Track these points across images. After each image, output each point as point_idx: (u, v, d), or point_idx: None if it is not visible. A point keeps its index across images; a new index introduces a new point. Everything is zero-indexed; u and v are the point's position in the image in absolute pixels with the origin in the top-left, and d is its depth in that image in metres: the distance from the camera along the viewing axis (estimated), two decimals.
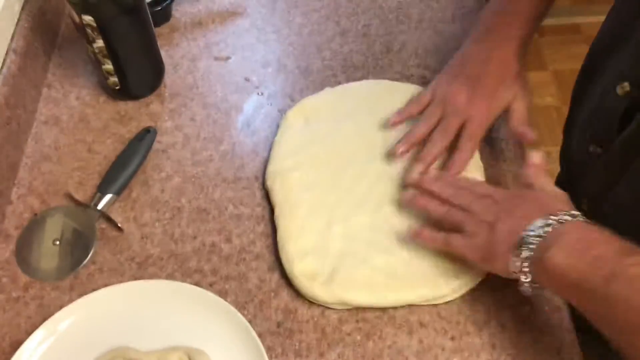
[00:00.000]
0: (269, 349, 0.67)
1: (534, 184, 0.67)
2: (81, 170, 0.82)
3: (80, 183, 0.80)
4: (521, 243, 0.59)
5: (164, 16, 0.98)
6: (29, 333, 0.66)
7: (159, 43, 0.89)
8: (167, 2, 0.96)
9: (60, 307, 0.68)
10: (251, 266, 0.73)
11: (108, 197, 0.77)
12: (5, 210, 0.78)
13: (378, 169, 0.78)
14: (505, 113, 0.79)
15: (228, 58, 0.94)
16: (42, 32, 0.92)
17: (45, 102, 0.89)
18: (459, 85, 0.78)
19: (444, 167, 0.77)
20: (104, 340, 0.66)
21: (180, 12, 1.00)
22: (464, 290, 0.70)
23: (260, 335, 0.66)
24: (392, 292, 0.68)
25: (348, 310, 0.69)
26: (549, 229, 0.58)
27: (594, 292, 0.54)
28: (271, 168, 0.79)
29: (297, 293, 0.70)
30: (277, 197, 0.76)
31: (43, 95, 0.90)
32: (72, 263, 0.73)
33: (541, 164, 0.69)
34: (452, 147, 0.77)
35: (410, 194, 0.73)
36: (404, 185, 0.76)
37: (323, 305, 0.69)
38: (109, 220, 0.76)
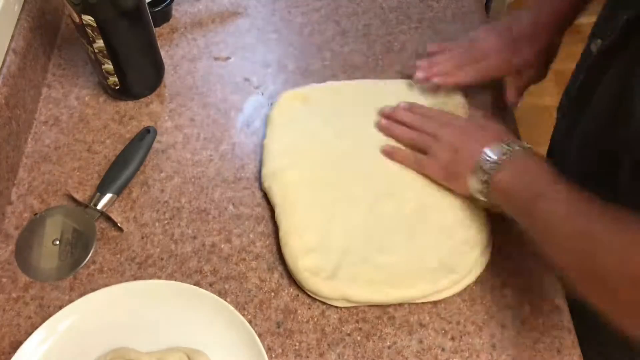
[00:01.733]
0: (269, 349, 0.67)
1: (481, 120, 0.79)
2: (81, 170, 0.82)
3: (80, 183, 0.80)
4: (480, 165, 0.69)
5: (164, 16, 0.98)
6: (29, 333, 0.66)
7: (159, 43, 0.89)
8: (167, 2, 0.96)
9: (60, 307, 0.68)
10: (251, 266, 0.73)
11: (108, 197, 0.77)
12: (5, 210, 0.78)
13: (373, 165, 0.78)
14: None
15: (228, 58, 0.94)
16: (42, 33, 0.92)
17: (45, 102, 0.89)
18: (490, 32, 0.85)
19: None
20: (103, 340, 0.66)
21: (180, 12, 1.00)
22: (463, 284, 0.70)
23: (260, 335, 0.66)
24: (393, 289, 0.68)
25: (348, 310, 0.69)
26: (503, 156, 0.68)
27: (526, 207, 0.64)
28: (265, 170, 0.79)
29: (298, 293, 0.70)
30: (276, 197, 0.76)
31: (43, 95, 0.90)
32: (72, 263, 0.73)
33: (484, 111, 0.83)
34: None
35: (386, 122, 0.82)
36: (380, 114, 0.83)
37: (324, 304, 0.69)
38: (109, 220, 0.76)
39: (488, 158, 0.68)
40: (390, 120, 0.82)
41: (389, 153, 0.79)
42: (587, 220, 0.58)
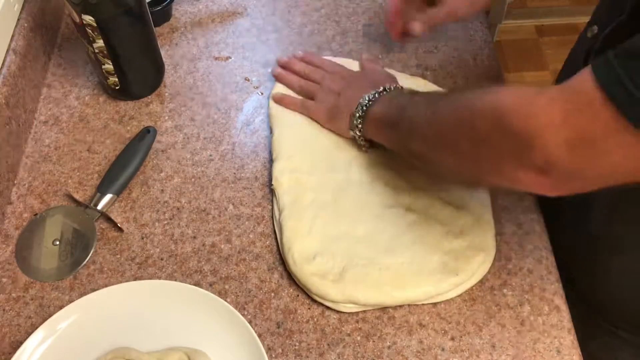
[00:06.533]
0: (268, 349, 0.67)
1: (366, 67, 0.88)
2: (81, 170, 0.82)
3: (80, 183, 0.80)
4: (358, 106, 0.76)
5: (164, 16, 0.98)
6: (29, 333, 0.66)
7: (159, 43, 0.89)
8: (167, 1, 0.96)
9: (60, 307, 0.68)
10: (251, 266, 0.73)
11: (108, 197, 0.77)
12: (5, 210, 0.78)
13: (381, 171, 0.78)
14: None
15: (228, 58, 0.94)
16: (42, 32, 0.92)
17: (45, 102, 0.89)
18: None
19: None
20: (103, 340, 0.66)
21: (180, 11, 1.01)
22: (465, 286, 0.70)
23: (260, 335, 0.66)
24: (397, 290, 0.68)
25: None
26: (378, 95, 0.76)
27: (394, 123, 0.71)
28: (278, 167, 0.78)
29: (298, 293, 0.70)
30: (285, 198, 0.75)
31: (43, 95, 0.90)
32: (72, 263, 0.73)
33: (373, 57, 0.92)
34: None
35: (280, 70, 0.90)
36: (277, 62, 0.92)
37: (323, 305, 0.69)
38: (109, 220, 0.76)
39: (366, 99, 0.75)
40: (284, 68, 0.89)
41: (278, 99, 0.86)
42: (449, 99, 0.65)
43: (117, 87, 0.86)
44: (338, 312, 0.69)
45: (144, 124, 0.86)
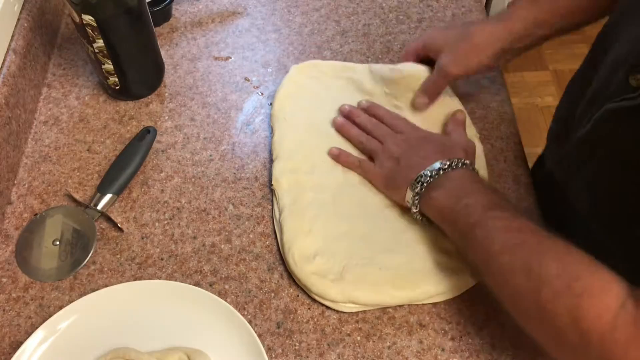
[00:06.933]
0: (268, 349, 0.67)
1: (450, 133, 0.79)
2: (81, 170, 0.82)
3: (80, 183, 0.80)
4: (417, 180, 0.69)
5: (164, 16, 0.98)
6: (28, 333, 0.66)
7: (159, 43, 0.89)
8: (167, 1, 0.96)
9: (60, 308, 0.68)
10: (251, 266, 0.73)
11: (108, 197, 0.77)
12: (5, 210, 0.78)
13: None
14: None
15: (228, 58, 0.94)
16: (42, 32, 0.92)
17: (45, 102, 0.89)
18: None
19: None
20: (103, 340, 0.66)
21: (180, 11, 1.01)
22: (465, 286, 0.70)
23: (260, 335, 0.66)
24: (397, 290, 0.68)
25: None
26: (441, 172, 0.68)
27: (462, 232, 0.64)
28: (278, 167, 0.78)
29: (298, 293, 0.70)
30: (285, 198, 0.75)
31: (43, 95, 0.90)
32: (72, 263, 0.73)
33: (462, 120, 0.81)
34: None
35: (341, 120, 0.82)
36: (339, 110, 0.84)
37: (323, 305, 0.69)
38: (109, 220, 0.76)
39: (427, 174, 0.68)
40: (346, 119, 0.82)
41: (334, 155, 0.79)
42: (528, 253, 0.57)
43: (117, 87, 0.86)
44: (338, 312, 0.69)
45: (144, 124, 0.86)
